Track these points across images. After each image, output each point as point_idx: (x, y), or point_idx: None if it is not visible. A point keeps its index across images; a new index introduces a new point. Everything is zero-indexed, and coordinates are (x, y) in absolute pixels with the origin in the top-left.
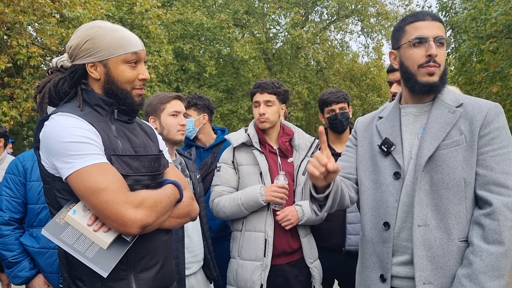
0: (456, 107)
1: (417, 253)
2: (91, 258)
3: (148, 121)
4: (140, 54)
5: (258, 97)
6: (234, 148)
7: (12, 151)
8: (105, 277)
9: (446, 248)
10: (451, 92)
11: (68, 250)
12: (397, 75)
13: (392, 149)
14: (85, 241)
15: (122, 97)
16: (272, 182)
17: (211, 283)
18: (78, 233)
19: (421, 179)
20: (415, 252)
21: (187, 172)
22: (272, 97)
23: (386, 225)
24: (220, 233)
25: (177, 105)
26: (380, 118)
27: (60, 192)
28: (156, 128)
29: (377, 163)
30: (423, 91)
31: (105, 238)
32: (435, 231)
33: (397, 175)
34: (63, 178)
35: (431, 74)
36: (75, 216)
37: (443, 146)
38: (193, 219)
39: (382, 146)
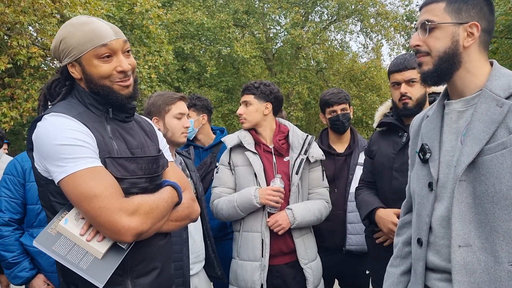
0: (506, 98)
1: (457, 278)
2: (85, 269)
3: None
4: (113, 45)
5: (241, 99)
6: (231, 149)
7: (7, 152)
8: (101, 287)
9: (493, 273)
10: (505, 76)
11: (61, 261)
12: (406, 75)
13: (427, 156)
14: (79, 252)
15: (104, 94)
16: (267, 183)
17: (211, 281)
18: (71, 244)
19: (462, 191)
20: (454, 277)
21: (188, 172)
22: (250, 97)
23: (419, 241)
24: (219, 233)
25: (182, 107)
26: (428, 117)
27: (54, 196)
28: (159, 129)
29: (418, 171)
30: (425, 84)
31: (99, 247)
32: (479, 253)
33: (431, 186)
34: (56, 182)
35: (420, 64)
36: (67, 225)
37: (487, 150)
38: (194, 221)
39: (420, 153)
